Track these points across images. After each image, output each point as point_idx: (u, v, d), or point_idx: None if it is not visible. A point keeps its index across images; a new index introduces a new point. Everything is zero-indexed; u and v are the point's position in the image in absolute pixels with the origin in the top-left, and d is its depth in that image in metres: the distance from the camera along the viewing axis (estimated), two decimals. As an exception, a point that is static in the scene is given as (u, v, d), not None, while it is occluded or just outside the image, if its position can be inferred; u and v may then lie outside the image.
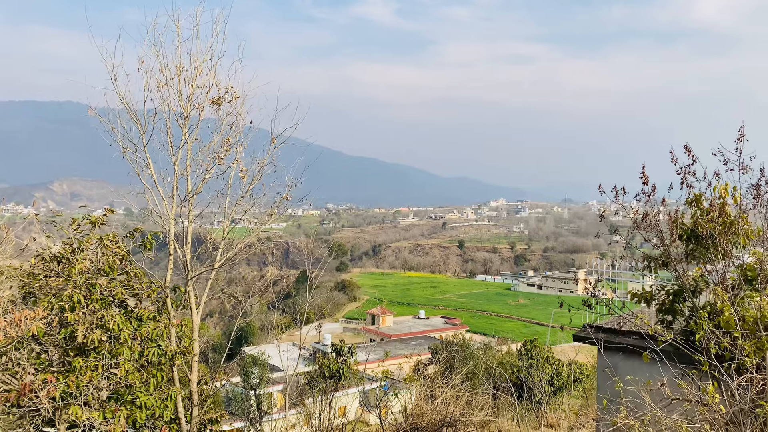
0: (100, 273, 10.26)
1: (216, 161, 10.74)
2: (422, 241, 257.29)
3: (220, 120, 11.03)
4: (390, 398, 16.41)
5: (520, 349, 38.79)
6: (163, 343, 10.34)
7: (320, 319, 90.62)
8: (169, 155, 10.55)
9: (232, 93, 10.86)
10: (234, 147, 10.95)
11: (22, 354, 10.02)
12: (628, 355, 7.82)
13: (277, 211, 12.14)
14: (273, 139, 11.26)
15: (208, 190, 11.39)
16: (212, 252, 11.79)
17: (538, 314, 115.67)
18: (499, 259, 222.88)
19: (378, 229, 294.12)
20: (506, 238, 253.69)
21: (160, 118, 10.47)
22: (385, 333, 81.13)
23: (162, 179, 10.80)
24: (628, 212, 8.33)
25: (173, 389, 10.48)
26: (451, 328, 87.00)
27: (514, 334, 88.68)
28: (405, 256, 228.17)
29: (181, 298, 11.40)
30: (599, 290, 8.65)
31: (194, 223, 11.43)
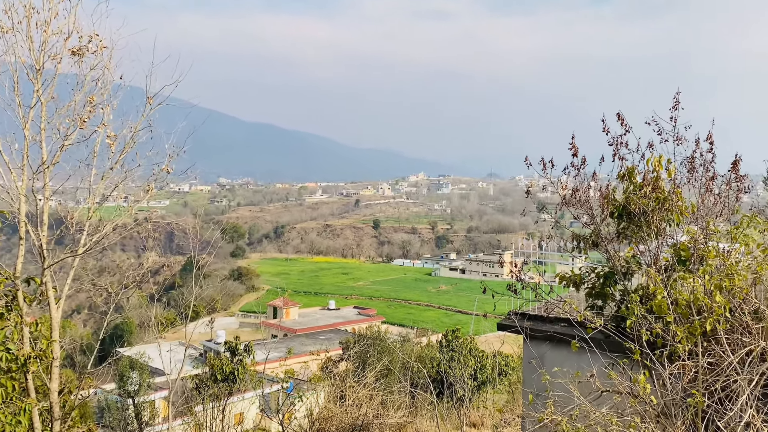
0: (-73, 262, 9.44)
1: (77, 124, 10.08)
2: (332, 221, 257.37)
3: (83, 75, 10.35)
4: (294, 401, 16.35)
5: (441, 341, 39.83)
6: (13, 346, 9.70)
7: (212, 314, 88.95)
8: (16, 116, 9.78)
9: (97, 42, 10.20)
10: (100, 107, 10.32)
11: None
12: (556, 344, 8.11)
13: (156, 186, 11.62)
14: (149, 99, 10.74)
15: (69, 159, 10.73)
16: (75, 235, 11.13)
17: (460, 302, 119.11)
18: (418, 241, 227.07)
19: (280, 207, 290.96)
20: (427, 218, 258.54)
21: (4, 70, 9.67)
22: (288, 327, 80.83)
23: (8, 146, 10.02)
24: (556, 187, 8.59)
25: (28, 401, 9.90)
26: (364, 319, 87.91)
27: (435, 325, 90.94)
28: (312, 239, 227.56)
29: (37, 291, 10.72)
30: (525, 273, 8.91)
31: (52, 200, 10.75)
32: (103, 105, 10.32)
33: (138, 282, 14.32)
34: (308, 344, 64.64)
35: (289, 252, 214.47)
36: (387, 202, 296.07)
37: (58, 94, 10.19)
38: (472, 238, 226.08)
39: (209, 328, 76.14)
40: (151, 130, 10.82)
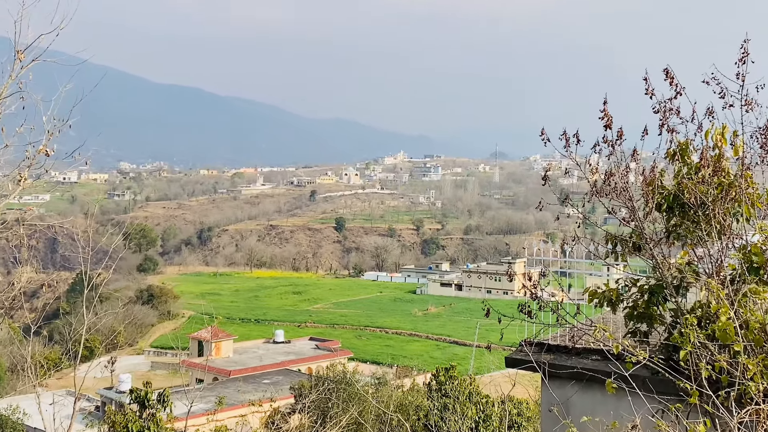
0: None
1: None
2: (278, 220, 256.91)
3: None
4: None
5: (430, 383, 39.88)
6: None
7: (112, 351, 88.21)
8: None
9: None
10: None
11: None
12: (585, 384, 8.12)
13: (31, 175, 11.50)
14: (19, 54, 10.60)
15: None
16: None
17: (456, 329, 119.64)
18: (398, 247, 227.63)
19: (207, 202, 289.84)
20: (409, 214, 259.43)
21: None
22: (220, 368, 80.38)
23: None
24: (584, 171, 8.54)
25: None
26: (325, 355, 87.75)
27: (422, 361, 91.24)
28: (252, 245, 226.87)
29: None
30: (543, 289, 8.89)
31: None
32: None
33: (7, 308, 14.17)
34: (247, 391, 64.19)
35: (218, 264, 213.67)
36: (354, 193, 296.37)
37: None
38: (472, 241, 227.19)
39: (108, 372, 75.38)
40: (23, 97, 10.70)
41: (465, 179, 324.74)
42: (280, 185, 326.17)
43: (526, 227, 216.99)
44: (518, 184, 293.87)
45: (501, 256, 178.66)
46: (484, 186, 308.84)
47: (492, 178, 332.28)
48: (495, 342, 13.29)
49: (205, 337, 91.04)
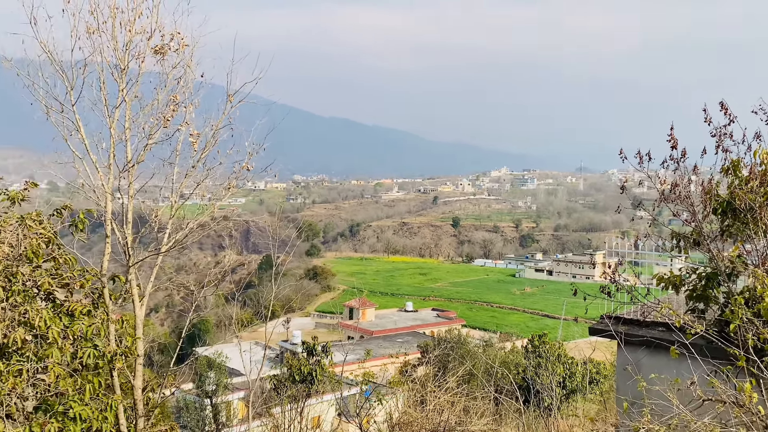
0: (21, 259, 10.19)
1: (161, 123, 10.65)
2: (409, 219, 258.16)
3: (165, 73, 10.92)
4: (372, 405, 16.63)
5: (527, 346, 39.41)
6: (100, 342, 10.35)
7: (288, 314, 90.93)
8: (103, 116, 10.44)
9: (178, 40, 10.74)
10: (182, 106, 10.86)
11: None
12: (653, 350, 8.00)
13: (236, 184, 12.11)
14: (230, 97, 11.20)
15: (151, 158, 11.31)
16: (158, 234, 11.75)
17: (547, 305, 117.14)
18: (501, 240, 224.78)
19: (356, 204, 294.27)
20: (510, 215, 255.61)
21: (91, 70, 10.32)
22: (365, 329, 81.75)
23: (95, 145, 10.69)
24: (654, 182, 8.44)
25: (114, 397, 10.52)
26: (444, 322, 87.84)
27: (520, 329, 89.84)
28: (389, 237, 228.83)
29: (121, 289, 11.38)
30: (620, 275, 8.79)
31: (135, 198, 11.36)
32: (186, 103, 10.85)
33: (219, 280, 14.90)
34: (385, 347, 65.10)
35: (364, 251, 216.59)
36: (467, 198, 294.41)
37: (142, 93, 10.78)
38: (560, 237, 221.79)
39: (285, 329, 77.92)
40: (232, 128, 11.28)
41: (555, 188, 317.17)
42: (411, 192, 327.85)
43: (604, 226, 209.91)
44: (598, 192, 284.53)
45: (584, 249, 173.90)
46: (571, 194, 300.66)
47: (577, 187, 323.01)
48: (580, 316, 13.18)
49: (355, 305, 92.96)
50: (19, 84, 10.29)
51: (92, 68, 10.36)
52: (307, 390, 19.05)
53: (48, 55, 10.04)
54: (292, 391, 18.84)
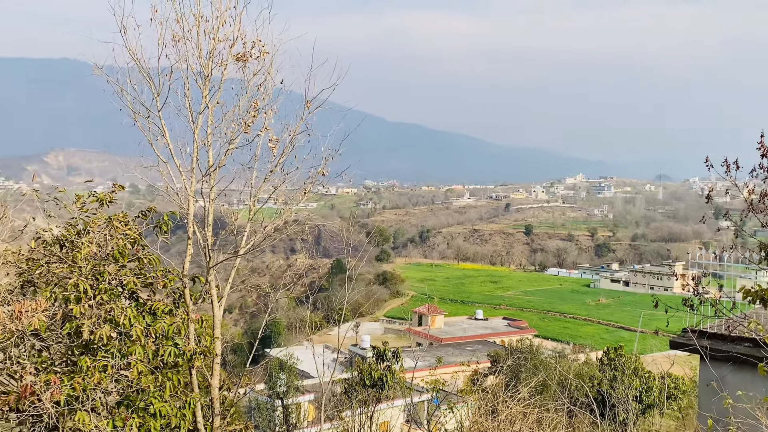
0: (108, 259, 10.68)
1: (242, 129, 10.98)
2: (480, 225, 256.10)
3: (246, 80, 11.24)
4: (443, 413, 16.58)
5: (602, 359, 38.44)
6: (180, 341, 10.72)
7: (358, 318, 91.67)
8: (187, 122, 10.84)
9: (260, 48, 11.04)
10: (262, 112, 11.16)
11: (21, 351, 10.55)
12: (739, 366, 7.74)
13: (312, 189, 12.34)
14: (307, 103, 11.41)
15: (231, 163, 11.67)
16: (236, 237, 12.09)
17: (623, 317, 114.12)
18: (575, 249, 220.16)
19: (426, 210, 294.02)
20: (585, 223, 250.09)
21: (176, 77, 10.75)
22: (434, 336, 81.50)
23: (179, 150, 11.10)
24: (741, 192, 8.16)
25: (192, 395, 10.86)
26: (515, 332, 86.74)
27: (594, 341, 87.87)
28: (459, 244, 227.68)
29: (200, 289, 11.76)
30: (703, 287, 8.52)
31: (216, 202, 11.72)
32: (265, 109, 11.15)
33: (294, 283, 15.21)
34: (454, 354, 64.87)
35: (434, 257, 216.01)
36: (540, 206, 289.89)
37: (224, 99, 11.14)
38: (638, 246, 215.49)
39: (354, 333, 78.53)
40: (309, 133, 11.50)
41: (633, 197, 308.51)
42: (482, 199, 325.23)
43: (684, 236, 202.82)
44: (679, 201, 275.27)
45: (662, 260, 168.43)
46: (650, 202, 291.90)
47: (656, 196, 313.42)
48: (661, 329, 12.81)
49: (424, 311, 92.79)
50: (108, 90, 10.79)
51: (177, 75, 10.78)
52: (377, 395, 19.17)
53: (136, 62, 10.51)
54: (362, 396, 19.01)
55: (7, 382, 10.57)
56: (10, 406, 10.10)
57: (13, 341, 9.82)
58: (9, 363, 10.49)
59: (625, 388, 27.98)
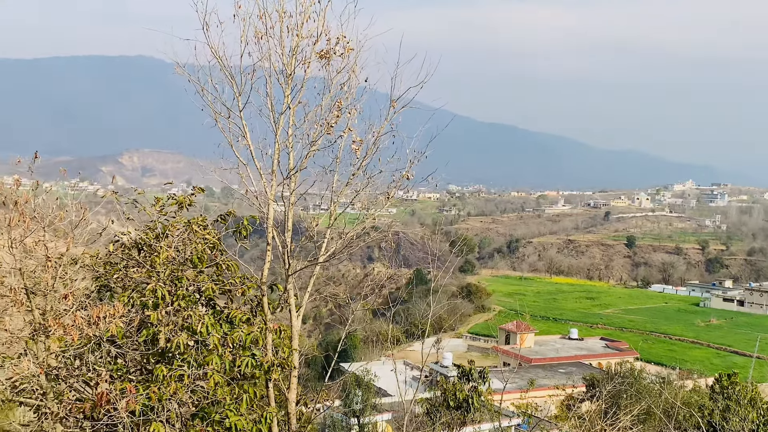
0: (186, 264, 11.04)
1: (324, 129, 11.13)
2: (576, 236, 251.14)
3: (329, 78, 11.40)
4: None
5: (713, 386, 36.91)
6: (257, 352, 10.95)
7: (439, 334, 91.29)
8: (269, 122, 11.08)
9: (344, 44, 11.18)
10: (346, 111, 11.28)
11: (96, 357, 11.02)
12: None
13: (396, 193, 12.40)
14: (393, 102, 11.47)
15: (310, 165, 11.84)
16: (315, 243, 12.26)
17: (737, 340, 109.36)
18: (683, 264, 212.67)
19: (515, 218, 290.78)
20: (695, 235, 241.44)
21: (258, 76, 11.00)
22: (523, 356, 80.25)
23: (259, 151, 11.35)
24: None
25: (269, 409, 11.07)
26: (614, 354, 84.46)
27: (703, 366, 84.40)
28: (552, 256, 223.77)
29: (278, 298, 11.98)
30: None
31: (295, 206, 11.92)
32: (349, 109, 11.27)
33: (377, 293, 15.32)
34: (546, 377, 63.72)
35: (523, 269, 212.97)
36: (644, 215, 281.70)
37: (306, 99, 11.34)
38: (755, 262, 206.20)
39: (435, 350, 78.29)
40: (394, 135, 11.55)
41: (750, 206, 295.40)
42: (578, 206, 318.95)
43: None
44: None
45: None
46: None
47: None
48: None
49: (512, 328, 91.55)
50: (185, 89, 11.15)
51: (259, 74, 11.04)
52: (462, 418, 19.04)
53: (218, 60, 10.83)
54: (446, 418, 18.91)
55: (82, 389, 11.07)
56: (85, 414, 10.57)
57: (90, 347, 10.27)
58: (85, 369, 10.98)
59: (739, 420, 26.79)
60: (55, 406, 10.45)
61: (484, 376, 20.19)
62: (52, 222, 9.99)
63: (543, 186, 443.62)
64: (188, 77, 11.02)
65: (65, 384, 10.66)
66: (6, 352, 10.79)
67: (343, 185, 11.83)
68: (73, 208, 10.46)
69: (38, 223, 9.81)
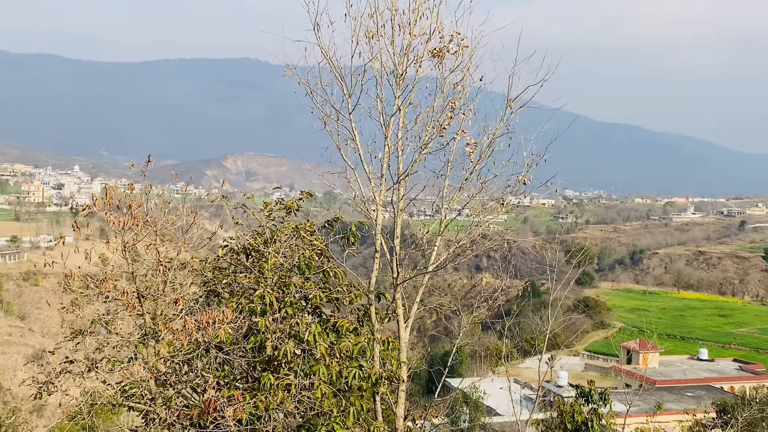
0: (293, 270, 11.35)
1: (436, 131, 11.19)
2: (707, 247, 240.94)
3: (442, 78, 11.45)
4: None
5: None
6: (364, 363, 11.10)
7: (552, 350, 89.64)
8: (379, 124, 11.24)
9: (458, 41, 11.21)
10: (459, 113, 11.30)
11: (204, 364, 11.47)
12: None
13: (512, 199, 12.31)
14: (510, 102, 11.40)
15: (421, 169, 11.91)
16: (425, 251, 12.32)
17: None
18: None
19: (639, 227, 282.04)
20: None
21: (368, 77, 11.19)
22: (647, 377, 77.70)
23: (367, 155, 11.53)
24: None
25: (376, 424, 11.20)
26: (749, 377, 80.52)
27: None
28: (680, 269, 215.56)
29: (386, 307, 12.12)
30: None
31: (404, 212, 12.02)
32: (462, 110, 11.27)
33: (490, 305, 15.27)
34: (672, 400, 61.64)
35: (648, 283, 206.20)
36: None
37: (418, 100, 11.43)
38: None
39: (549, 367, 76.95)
40: (510, 137, 11.47)
41: None
42: (710, 214, 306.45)
43: None
44: None
45: None
46: None
47: None
48: None
49: (634, 347, 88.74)
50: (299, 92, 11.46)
51: (369, 74, 11.22)
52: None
53: (328, 61, 11.10)
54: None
55: (190, 395, 11.55)
56: (192, 421, 11.01)
57: (199, 353, 10.69)
58: (193, 375, 11.45)
59: None
60: (163, 411, 10.93)
61: (605, 398, 19.69)
62: (163, 226, 10.50)
63: (670, 192, 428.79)
64: (299, 79, 11.34)
65: (173, 390, 11.13)
66: (116, 355, 11.40)
67: (455, 190, 11.83)
68: (184, 213, 10.96)
69: (150, 227, 10.33)
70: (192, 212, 11.05)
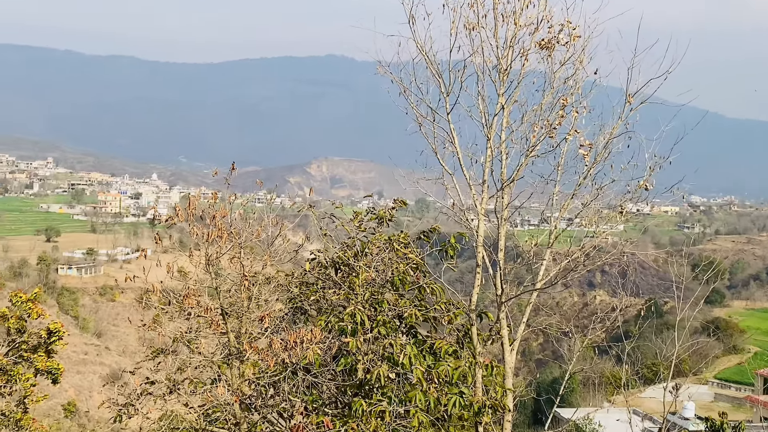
0: (386, 286, 11.39)
1: (545, 132, 11.03)
2: None
3: (551, 72, 11.30)
4: None
5: None
6: (465, 390, 11.04)
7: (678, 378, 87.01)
8: (480, 125, 11.18)
9: (569, 31, 11.05)
10: (571, 110, 11.11)
11: (290, 387, 11.63)
12: None
13: (631, 207, 12.04)
14: (629, 98, 11.16)
15: (527, 174, 11.77)
16: (533, 265, 12.17)
17: None
18: None
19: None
20: None
21: (469, 74, 11.13)
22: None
23: (466, 159, 11.48)
24: None
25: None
26: None
27: None
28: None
29: (489, 328, 12.03)
30: None
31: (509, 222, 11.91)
32: (576, 107, 11.08)
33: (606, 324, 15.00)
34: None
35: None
36: None
37: (524, 97, 11.30)
38: None
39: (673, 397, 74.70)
40: (630, 136, 11.21)
41: None
42: None
43: None
44: None
45: None
46: None
47: None
48: None
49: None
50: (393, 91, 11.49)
51: (470, 70, 11.17)
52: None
53: (424, 56, 11.12)
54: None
55: (276, 420, 11.74)
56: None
57: (286, 374, 10.85)
58: (279, 399, 11.63)
59: None
60: (247, 438, 11.15)
61: (739, 433, 18.95)
62: (248, 238, 10.71)
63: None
64: (391, 77, 11.37)
65: (259, 414, 11.33)
66: (198, 376, 11.69)
67: (567, 197, 11.65)
68: (270, 224, 11.15)
69: (234, 239, 10.55)
70: (277, 223, 11.23)
